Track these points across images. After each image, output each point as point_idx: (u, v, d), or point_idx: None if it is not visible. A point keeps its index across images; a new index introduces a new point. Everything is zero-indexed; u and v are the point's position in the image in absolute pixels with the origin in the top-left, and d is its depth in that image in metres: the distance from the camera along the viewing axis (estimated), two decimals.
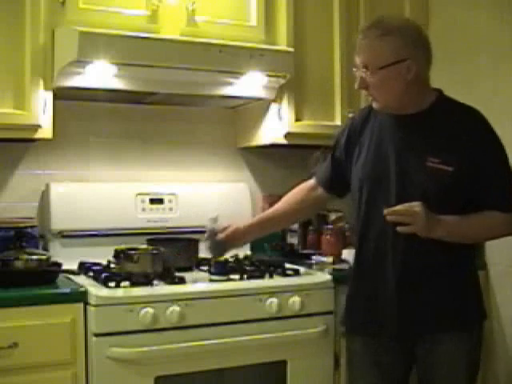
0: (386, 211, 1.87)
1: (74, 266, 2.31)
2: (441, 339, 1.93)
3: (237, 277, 2.25)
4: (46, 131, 2.32)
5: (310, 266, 2.48)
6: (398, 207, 1.85)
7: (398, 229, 1.86)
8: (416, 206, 1.84)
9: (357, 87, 1.95)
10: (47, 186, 2.59)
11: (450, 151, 1.88)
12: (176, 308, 2.03)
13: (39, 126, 2.30)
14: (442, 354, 1.93)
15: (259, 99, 2.70)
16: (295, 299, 2.20)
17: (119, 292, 2.04)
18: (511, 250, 2.65)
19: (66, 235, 2.54)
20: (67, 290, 2.03)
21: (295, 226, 2.77)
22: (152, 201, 2.69)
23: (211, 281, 2.20)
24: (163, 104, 2.81)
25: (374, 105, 1.96)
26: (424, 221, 1.83)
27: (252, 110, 2.85)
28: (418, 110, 1.94)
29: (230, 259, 2.39)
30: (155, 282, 2.12)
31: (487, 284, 2.71)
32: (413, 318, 1.94)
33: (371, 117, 2.05)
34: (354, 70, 1.97)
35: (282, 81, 2.61)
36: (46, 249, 2.50)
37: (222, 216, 2.29)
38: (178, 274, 2.21)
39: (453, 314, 1.94)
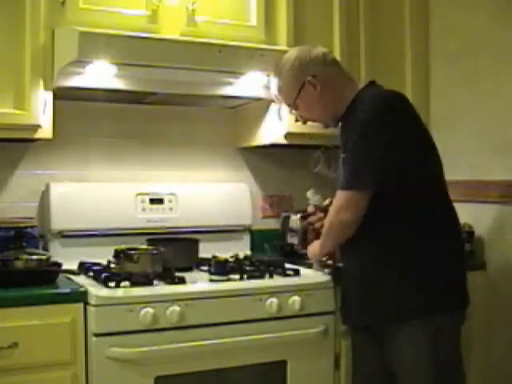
0: None
1: (74, 266, 2.31)
2: (389, 331, 2.00)
3: (237, 277, 2.25)
4: (45, 131, 2.32)
5: (310, 266, 2.48)
6: None
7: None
8: None
9: (295, 121, 2.24)
10: (47, 186, 2.59)
11: (347, 140, 2.01)
12: (176, 308, 2.03)
13: (39, 126, 2.30)
14: (394, 347, 2.01)
15: (259, 99, 2.70)
16: (295, 299, 2.20)
17: (119, 292, 2.03)
18: (511, 250, 2.65)
19: (65, 235, 2.55)
20: (67, 290, 2.02)
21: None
22: (152, 201, 2.69)
23: (211, 281, 2.20)
24: (163, 104, 2.81)
25: (319, 126, 2.21)
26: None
27: (252, 110, 2.85)
28: (345, 107, 2.08)
29: (230, 259, 2.40)
30: (155, 281, 2.13)
31: (487, 284, 2.71)
32: (359, 308, 2.06)
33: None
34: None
35: None
36: (46, 249, 2.50)
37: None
38: (178, 274, 2.21)
39: (390, 304, 1.99)
